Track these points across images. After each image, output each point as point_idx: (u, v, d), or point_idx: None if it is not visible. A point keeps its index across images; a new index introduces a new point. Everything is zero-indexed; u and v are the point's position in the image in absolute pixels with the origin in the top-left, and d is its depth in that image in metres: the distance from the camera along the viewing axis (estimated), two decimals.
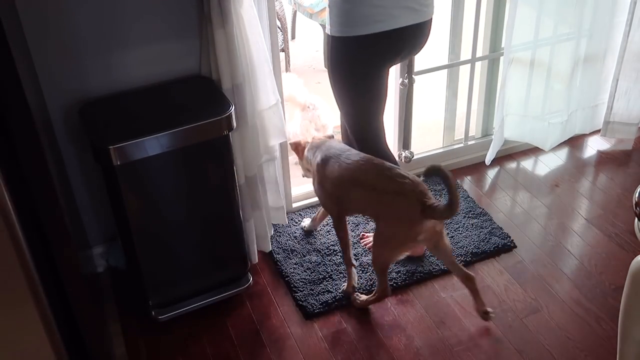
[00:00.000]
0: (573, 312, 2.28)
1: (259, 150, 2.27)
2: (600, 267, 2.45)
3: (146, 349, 2.21)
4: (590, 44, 2.87)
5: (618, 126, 3.06)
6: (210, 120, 1.98)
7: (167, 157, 1.98)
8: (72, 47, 2.03)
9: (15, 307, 1.31)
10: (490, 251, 2.52)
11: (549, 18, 2.76)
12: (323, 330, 2.25)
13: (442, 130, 3.04)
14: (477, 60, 2.86)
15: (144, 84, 2.16)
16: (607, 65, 3.00)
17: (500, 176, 2.97)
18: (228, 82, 2.11)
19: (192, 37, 2.15)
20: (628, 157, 3.04)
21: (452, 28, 2.80)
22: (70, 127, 2.15)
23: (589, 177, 2.94)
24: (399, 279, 2.40)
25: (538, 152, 3.08)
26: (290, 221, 2.67)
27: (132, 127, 1.95)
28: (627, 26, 2.84)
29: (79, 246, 1.76)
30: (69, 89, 2.09)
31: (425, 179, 2.10)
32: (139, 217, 2.05)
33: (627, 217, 2.67)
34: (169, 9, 2.09)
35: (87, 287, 1.54)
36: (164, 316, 2.22)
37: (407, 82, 2.64)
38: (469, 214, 2.69)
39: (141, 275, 2.14)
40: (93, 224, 2.38)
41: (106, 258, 2.45)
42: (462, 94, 2.96)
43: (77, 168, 2.24)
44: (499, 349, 2.16)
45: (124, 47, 2.09)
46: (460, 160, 3.01)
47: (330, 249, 2.53)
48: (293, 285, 2.39)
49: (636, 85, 2.94)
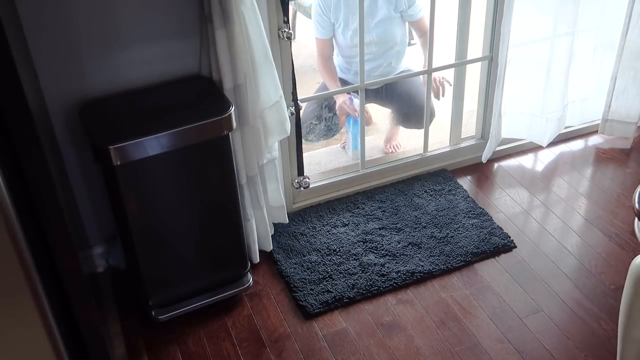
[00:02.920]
0: (573, 312, 2.28)
1: (262, 150, 2.27)
2: (600, 267, 2.45)
3: (146, 349, 2.21)
4: (583, 37, 2.88)
5: (616, 125, 3.06)
6: (210, 120, 1.98)
7: (167, 157, 1.98)
8: (72, 47, 2.03)
9: (15, 307, 1.31)
10: (490, 251, 2.52)
11: (547, 16, 2.77)
12: (323, 330, 2.25)
13: (449, 129, 3.04)
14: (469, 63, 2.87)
15: (144, 83, 2.16)
16: (597, 58, 3.00)
17: (500, 176, 2.97)
18: (229, 82, 2.11)
19: (193, 37, 2.15)
20: (627, 156, 3.05)
21: (459, 27, 2.80)
22: (70, 127, 2.15)
23: (588, 177, 2.94)
24: (399, 279, 2.40)
25: (537, 151, 3.08)
26: (291, 221, 2.67)
27: (132, 127, 1.95)
28: (625, 26, 2.84)
29: (79, 246, 1.75)
30: (69, 89, 2.09)
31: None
32: (139, 217, 2.05)
33: (627, 217, 2.68)
34: (169, 8, 2.09)
35: (87, 287, 1.53)
36: (164, 316, 2.22)
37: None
38: (469, 214, 2.69)
39: (141, 275, 2.14)
40: (93, 224, 2.38)
41: (106, 258, 2.45)
42: (465, 94, 2.96)
43: (77, 168, 2.24)
44: (499, 349, 2.16)
45: (124, 47, 2.09)
46: (460, 160, 3.02)
47: (330, 249, 2.53)
48: (293, 285, 2.39)
49: (634, 83, 2.94)
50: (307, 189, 2.71)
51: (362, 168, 2.89)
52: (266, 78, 2.20)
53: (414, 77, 3.14)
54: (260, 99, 2.20)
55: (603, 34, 2.94)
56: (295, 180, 2.68)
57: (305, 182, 2.68)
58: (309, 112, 3.15)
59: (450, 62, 2.86)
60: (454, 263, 2.46)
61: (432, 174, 2.94)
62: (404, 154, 3.09)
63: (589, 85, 3.06)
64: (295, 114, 2.51)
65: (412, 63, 3.19)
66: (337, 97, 3.09)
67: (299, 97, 2.50)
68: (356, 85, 2.78)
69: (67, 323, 1.50)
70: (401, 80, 3.14)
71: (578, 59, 2.91)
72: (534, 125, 2.98)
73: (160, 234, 2.12)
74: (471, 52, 2.85)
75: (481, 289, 2.37)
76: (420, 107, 3.02)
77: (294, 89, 2.47)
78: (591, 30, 2.91)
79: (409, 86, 3.15)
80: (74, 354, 1.48)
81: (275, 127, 2.30)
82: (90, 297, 1.55)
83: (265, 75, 2.19)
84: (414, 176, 2.93)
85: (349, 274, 2.43)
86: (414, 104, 3.11)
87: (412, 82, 3.16)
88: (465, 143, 3.04)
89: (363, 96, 2.78)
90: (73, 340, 1.52)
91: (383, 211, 2.72)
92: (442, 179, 2.90)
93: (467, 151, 3.04)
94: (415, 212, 2.71)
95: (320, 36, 3.06)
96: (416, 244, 2.54)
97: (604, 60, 3.02)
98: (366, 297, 2.36)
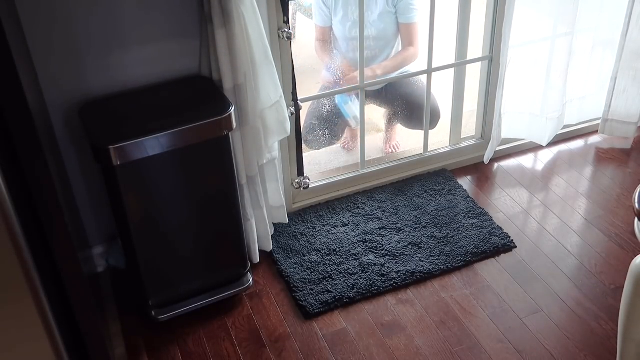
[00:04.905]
0: (573, 312, 2.28)
1: (262, 150, 2.27)
2: (600, 267, 2.45)
3: (146, 349, 2.21)
4: (583, 37, 2.88)
5: (616, 125, 3.06)
6: (210, 120, 1.98)
7: (167, 157, 1.98)
8: (72, 47, 2.03)
9: (15, 307, 1.31)
10: (490, 251, 2.52)
11: (547, 16, 2.77)
12: (323, 330, 2.25)
13: (449, 129, 3.04)
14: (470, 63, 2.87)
15: (144, 84, 2.16)
16: (597, 58, 3.01)
17: (500, 176, 2.97)
18: (229, 82, 2.11)
19: (192, 37, 2.15)
20: (627, 156, 3.05)
21: (459, 27, 2.80)
22: (70, 127, 2.15)
23: (588, 177, 2.94)
24: (399, 279, 2.40)
25: (537, 151, 3.08)
26: (291, 221, 2.67)
27: (132, 127, 1.95)
28: (625, 25, 2.84)
29: (79, 246, 1.76)
30: (69, 89, 2.09)
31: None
32: (139, 217, 2.05)
33: (627, 217, 2.68)
34: (169, 8, 2.09)
35: (87, 287, 1.54)
36: (164, 316, 2.22)
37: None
38: (469, 214, 2.69)
39: (141, 275, 2.14)
40: (93, 224, 2.38)
41: (106, 258, 2.45)
42: (466, 94, 2.96)
43: (77, 168, 2.24)
44: (499, 349, 2.16)
45: (124, 47, 2.09)
46: (461, 160, 3.02)
47: (330, 249, 2.53)
48: (293, 285, 2.39)
49: (634, 83, 2.94)
50: (307, 189, 2.71)
51: (362, 168, 2.89)
52: (266, 78, 2.20)
53: (414, 78, 3.14)
54: (260, 99, 2.20)
55: (603, 33, 2.94)
56: (295, 180, 2.68)
57: (305, 182, 2.68)
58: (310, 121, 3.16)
59: (450, 62, 2.86)
60: (454, 263, 2.46)
61: (432, 174, 2.94)
62: (404, 154, 3.09)
63: (589, 84, 3.07)
64: (295, 114, 2.51)
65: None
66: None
67: (299, 97, 2.50)
68: (356, 85, 2.78)
69: (67, 323, 1.50)
70: (401, 81, 3.14)
71: (578, 58, 2.91)
72: (533, 125, 2.98)
73: (160, 233, 2.12)
74: (471, 52, 2.85)
75: (481, 289, 2.37)
76: (423, 107, 3.01)
77: (294, 89, 2.47)
78: (591, 30, 2.91)
79: (410, 87, 3.15)
80: (74, 354, 1.48)
81: (275, 127, 2.30)
82: (90, 297, 1.55)
83: (265, 75, 2.19)
84: (414, 176, 2.93)
85: (349, 274, 2.43)
86: (416, 104, 3.11)
87: (412, 82, 3.16)
88: (465, 143, 3.04)
89: (363, 96, 2.78)
90: (73, 340, 1.52)
91: (383, 211, 2.72)
92: (442, 179, 2.90)
93: (467, 151, 3.04)
94: (415, 212, 2.71)
95: (320, 24, 3.07)
96: (416, 244, 2.54)
97: (604, 60, 3.02)
98: (366, 297, 2.36)
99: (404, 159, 2.96)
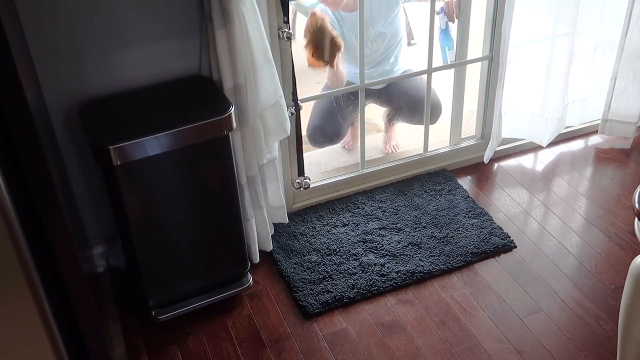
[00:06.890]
0: (573, 312, 2.28)
1: (262, 150, 2.27)
2: (600, 267, 2.46)
3: (146, 349, 2.21)
4: (583, 37, 2.88)
5: (616, 125, 3.06)
6: (210, 120, 1.98)
7: (167, 157, 1.98)
8: (72, 47, 2.03)
9: (15, 307, 1.31)
10: (490, 251, 2.52)
11: (547, 16, 2.77)
12: (323, 330, 2.25)
13: (449, 129, 3.04)
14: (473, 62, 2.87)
15: (144, 83, 2.16)
16: (597, 58, 3.01)
17: (500, 176, 2.97)
18: (229, 82, 2.11)
19: (192, 37, 2.15)
20: (627, 156, 3.05)
21: (459, 27, 2.80)
22: (70, 127, 2.15)
23: (588, 177, 2.94)
24: (399, 279, 2.40)
25: (537, 151, 3.08)
26: (291, 221, 2.67)
27: (132, 127, 1.95)
28: (625, 25, 2.84)
29: (79, 246, 1.76)
30: (69, 89, 2.09)
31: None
32: (139, 217, 2.05)
33: (627, 217, 2.68)
34: (169, 8, 2.09)
35: (87, 287, 1.54)
36: (164, 316, 2.22)
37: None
38: (468, 214, 2.69)
39: (141, 275, 2.14)
40: (93, 224, 2.38)
41: (106, 258, 2.45)
42: (466, 94, 2.96)
43: (77, 168, 2.24)
44: (499, 349, 2.16)
45: (124, 47, 2.09)
46: (461, 160, 3.02)
47: (330, 249, 2.53)
48: (293, 285, 2.39)
49: (634, 83, 2.94)
50: (307, 189, 2.71)
51: (362, 168, 2.89)
52: (266, 78, 2.20)
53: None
54: (260, 99, 2.20)
55: (603, 34, 2.94)
56: (295, 180, 2.68)
57: (306, 182, 2.68)
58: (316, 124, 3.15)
59: (450, 62, 2.86)
60: (454, 263, 2.46)
61: (432, 174, 2.94)
62: (404, 154, 3.09)
63: (589, 85, 3.07)
64: (295, 114, 2.51)
65: (412, 63, 3.19)
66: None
67: (299, 97, 2.50)
68: (356, 85, 2.78)
69: (67, 323, 1.50)
70: (402, 80, 3.14)
71: (578, 58, 2.91)
72: (533, 125, 2.98)
73: (160, 233, 2.12)
74: (471, 52, 2.85)
75: (481, 289, 2.37)
76: (424, 101, 2.99)
77: (294, 89, 2.47)
78: (591, 30, 2.91)
79: (412, 81, 3.14)
80: (74, 353, 1.48)
81: (275, 127, 2.30)
82: (90, 297, 1.55)
83: (265, 75, 2.19)
84: (414, 176, 2.93)
85: (349, 274, 2.43)
86: (418, 97, 3.09)
87: (413, 79, 3.15)
88: (465, 143, 3.04)
89: (363, 96, 2.78)
90: (73, 340, 1.52)
91: (383, 211, 2.72)
92: (442, 179, 2.91)
93: (467, 151, 3.04)
94: (415, 212, 2.71)
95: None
96: (416, 244, 2.54)
97: (604, 60, 3.02)
98: (366, 297, 2.36)
99: (404, 159, 2.96)
